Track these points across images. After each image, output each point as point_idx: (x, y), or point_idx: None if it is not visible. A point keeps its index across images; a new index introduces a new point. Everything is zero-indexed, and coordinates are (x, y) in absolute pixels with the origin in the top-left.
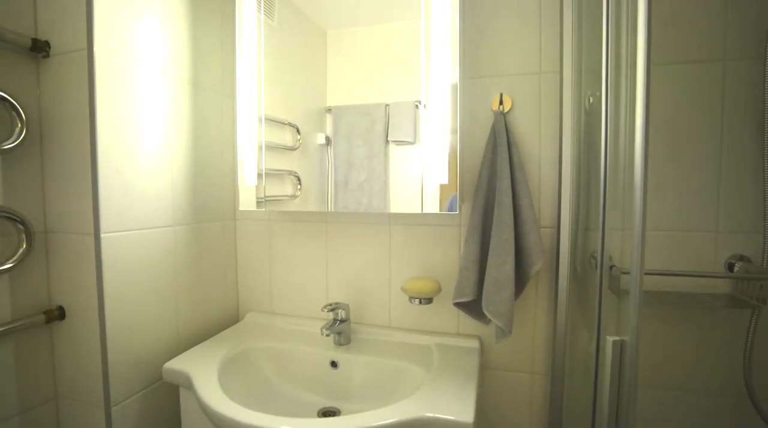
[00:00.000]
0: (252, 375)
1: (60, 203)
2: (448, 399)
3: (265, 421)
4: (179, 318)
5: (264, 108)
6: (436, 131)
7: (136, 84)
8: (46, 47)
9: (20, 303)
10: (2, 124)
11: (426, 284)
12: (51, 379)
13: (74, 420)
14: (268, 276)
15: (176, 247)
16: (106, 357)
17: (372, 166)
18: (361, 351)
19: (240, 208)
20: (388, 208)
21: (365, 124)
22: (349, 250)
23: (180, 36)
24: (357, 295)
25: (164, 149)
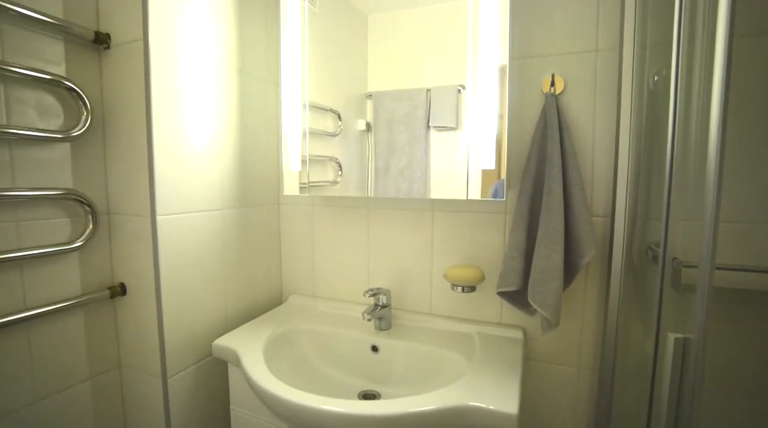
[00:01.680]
0: (295, 356)
1: (120, 186)
2: (491, 389)
3: (309, 400)
4: (227, 297)
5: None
6: (483, 115)
7: (188, 72)
8: (107, 39)
9: (88, 279)
10: (71, 113)
11: (469, 272)
12: (115, 349)
13: (135, 387)
14: (311, 260)
15: (224, 230)
16: (163, 331)
17: (413, 152)
18: (402, 337)
19: (284, 193)
20: (429, 194)
21: (406, 110)
22: (390, 236)
23: (228, 24)
24: (398, 281)
25: (214, 135)
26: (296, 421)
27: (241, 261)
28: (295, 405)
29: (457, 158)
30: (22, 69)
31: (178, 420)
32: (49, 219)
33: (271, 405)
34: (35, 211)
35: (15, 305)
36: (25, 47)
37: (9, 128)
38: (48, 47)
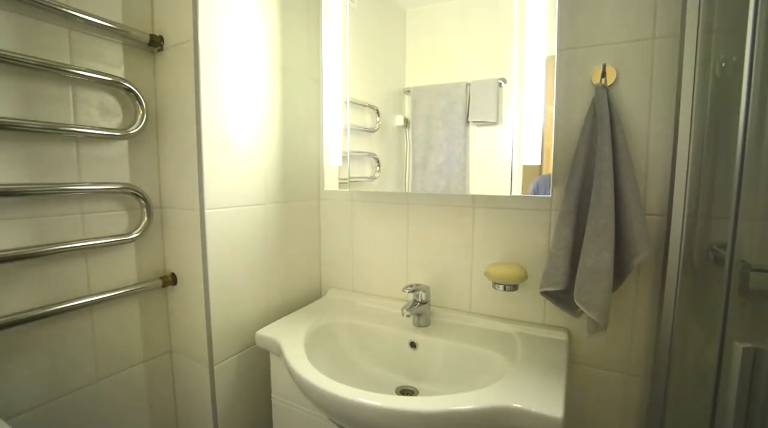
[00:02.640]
0: (334, 349)
1: (171, 181)
2: (534, 391)
3: (348, 393)
4: (269, 289)
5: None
6: (527, 110)
7: (234, 71)
8: (160, 42)
9: (143, 268)
10: (128, 112)
11: (512, 270)
12: (166, 336)
13: (185, 372)
14: (350, 255)
15: (267, 224)
16: (210, 320)
17: (451, 147)
18: (441, 334)
19: (325, 188)
20: (467, 190)
21: (444, 105)
22: (429, 232)
23: (272, 22)
24: (437, 278)
25: (259, 131)
26: (335, 412)
27: (282, 254)
28: (334, 397)
29: (497, 154)
30: (87, 72)
31: (223, 405)
32: (109, 212)
33: (311, 395)
34: (98, 203)
35: (81, 290)
36: (89, 51)
37: (76, 127)
38: (109, 51)
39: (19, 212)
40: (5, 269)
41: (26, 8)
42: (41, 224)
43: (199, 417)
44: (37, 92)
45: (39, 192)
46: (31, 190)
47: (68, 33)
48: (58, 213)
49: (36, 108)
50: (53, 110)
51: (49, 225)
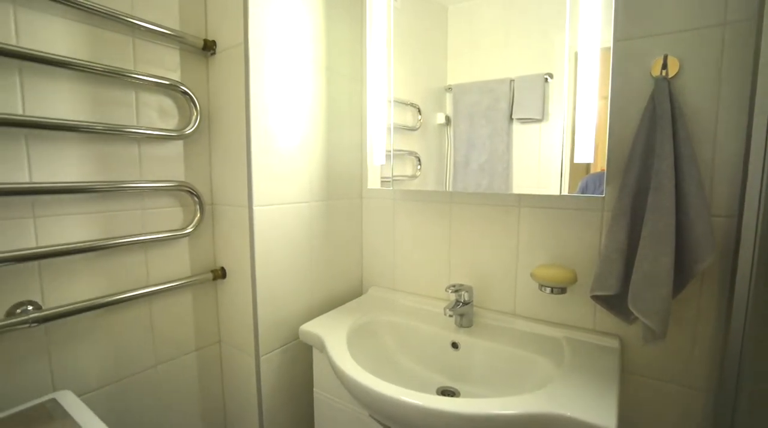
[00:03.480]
0: (375, 346)
1: (222, 179)
2: (585, 399)
3: (390, 390)
4: (312, 285)
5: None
6: (579, 105)
7: (282, 72)
8: (213, 46)
9: (195, 262)
10: (184, 114)
11: (560, 272)
12: (216, 327)
13: (232, 362)
14: (392, 253)
15: (311, 222)
16: (257, 313)
17: (494, 145)
18: (484, 336)
19: (368, 187)
20: (510, 189)
21: (487, 102)
22: (473, 231)
23: (318, 24)
24: (480, 278)
25: (304, 131)
26: (376, 409)
27: (325, 251)
28: (376, 394)
29: (542, 151)
30: (149, 77)
31: (268, 395)
32: (166, 208)
33: (353, 391)
34: (156, 200)
35: (141, 281)
36: (150, 57)
37: (138, 128)
38: (167, 56)
39: (89, 207)
40: (78, 260)
41: (98, 20)
42: (107, 219)
43: (244, 405)
44: (105, 97)
45: (106, 189)
46: (100, 187)
47: (132, 41)
48: (121, 208)
49: (104, 111)
50: (119, 113)
51: (114, 219)
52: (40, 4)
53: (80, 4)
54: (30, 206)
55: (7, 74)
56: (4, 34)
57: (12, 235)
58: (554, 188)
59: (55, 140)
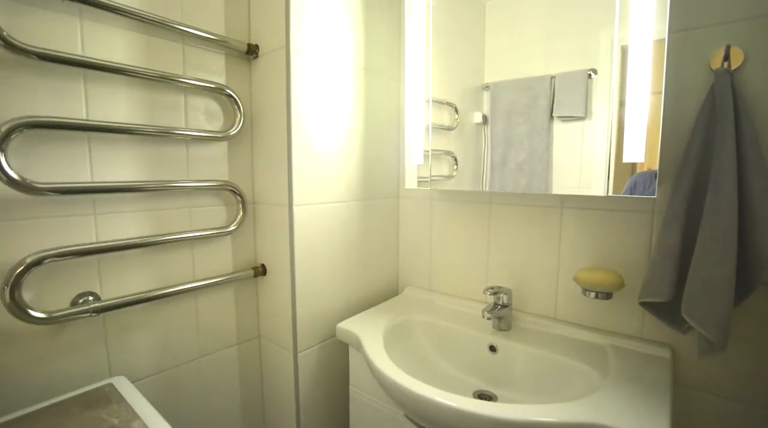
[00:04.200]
0: (411, 346)
1: (263, 179)
2: (634, 411)
3: (426, 391)
4: (349, 284)
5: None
6: (629, 101)
7: (322, 74)
8: (256, 50)
9: (238, 259)
10: (228, 116)
11: (606, 276)
12: (256, 323)
13: (271, 357)
14: (428, 253)
15: (348, 221)
16: (295, 310)
17: (533, 144)
18: (523, 340)
19: (406, 187)
20: (550, 189)
21: (526, 100)
22: (512, 233)
23: (357, 25)
24: (519, 281)
25: (343, 131)
26: (412, 409)
27: (362, 250)
28: (412, 394)
29: (585, 150)
30: (197, 81)
31: (305, 390)
32: (211, 207)
33: (389, 390)
34: (202, 199)
35: (188, 276)
36: (198, 63)
37: (187, 130)
38: (213, 61)
39: (141, 205)
40: (132, 254)
41: (153, 29)
42: (158, 216)
43: (282, 399)
44: (157, 100)
45: (158, 188)
46: (152, 186)
47: (182, 48)
48: (170, 206)
49: (156, 114)
50: (169, 116)
51: (163, 217)
52: (103, 17)
53: (139, 15)
54: (91, 204)
55: (74, 82)
56: (71, 45)
57: (76, 231)
58: (598, 188)
59: (113, 142)
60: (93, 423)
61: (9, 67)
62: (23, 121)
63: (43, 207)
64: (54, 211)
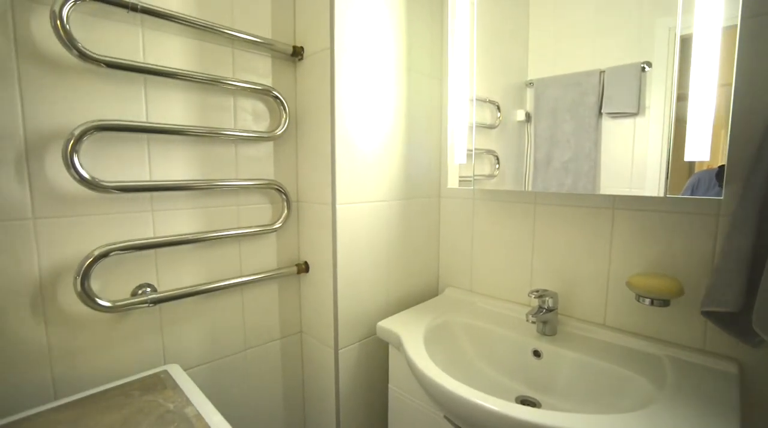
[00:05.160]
0: (451, 347)
1: (307, 178)
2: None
3: (468, 394)
4: (389, 283)
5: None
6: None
7: (365, 74)
8: (301, 51)
9: (282, 256)
10: (274, 116)
11: (663, 282)
12: (298, 318)
13: (312, 352)
14: (469, 254)
15: (389, 220)
16: (337, 307)
17: (579, 142)
18: (570, 346)
19: (448, 186)
20: (598, 189)
21: (573, 96)
22: (558, 234)
23: (399, 25)
24: (566, 284)
25: (386, 130)
26: (452, 411)
27: (402, 250)
28: (454, 396)
29: (637, 148)
30: (246, 83)
31: (345, 387)
32: (257, 205)
33: (430, 391)
34: (249, 197)
35: (235, 271)
36: (246, 65)
37: (236, 131)
38: (260, 63)
39: (193, 203)
40: (184, 249)
41: (205, 35)
42: (208, 213)
43: (322, 394)
44: (209, 102)
45: (210, 186)
46: (204, 184)
47: (232, 52)
48: (220, 204)
49: (208, 116)
50: (219, 117)
51: (213, 214)
52: (161, 25)
53: (193, 22)
54: (149, 201)
55: (136, 87)
56: (134, 52)
57: (136, 226)
58: (651, 188)
59: (169, 143)
60: (151, 407)
61: (81, 75)
62: (93, 125)
63: (108, 204)
64: (117, 208)
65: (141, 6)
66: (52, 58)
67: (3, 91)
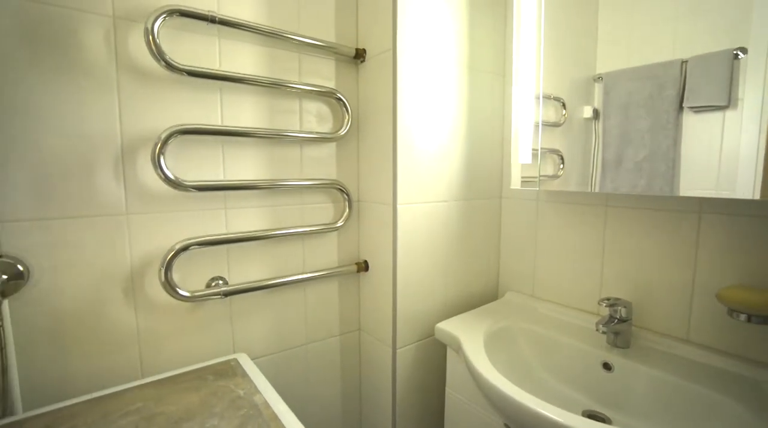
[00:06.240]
0: (512, 354)
1: (368, 178)
2: None
3: (534, 403)
4: (447, 285)
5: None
6: None
7: (426, 74)
8: (363, 54)
9: (342, 254)
10: (337, 118)
11: (763, 296)
12: (357, 316)
13: (370, 350)
14: (532, 258)
15: (449, 221)
16: (396, 307)
17: (656, 140)
18: (646, 361)
19: (511, 187)
20: (675, 191)
21: (649, 90)
22: (633, 239)
23: (461, 23)
24: (640, 293)
25: (447, 130)
26: (513, 419)
27: (461, 251)
28: (517, 404)
29: (726, 145)
30: (311, 87)
31: (402, 386)
32: (320, 204)
33: (491, 397)
34: (312, 196)
35: (298, 268)
36: (311, 69)
37: (301, 133)
38: (324, 67)
39: (261, 201)
40: (253, 245)
41: (274, 42)
42: (274, 212)
43: (379, 392)
44: (277, 106)
45: (276, 186)
46: (272, 184)
47: (298, 57)
48: (285, 203)
49: (275, 118)
50: (286, 119)
51: (279, 213)
52: (235, 35)
53: (264, 31)
54: (223, 199)
55: (213, 93)
56: (211, 61)
57: (210, 223)
58: (745, 190)
59: (240, 144)
60: (223, 391)
61: (166, 83)
62: (177, 129)
63: (187, 201)
64: (195, 205)
65: (219, 18)
66: (143, 69)
67: (106, 101)
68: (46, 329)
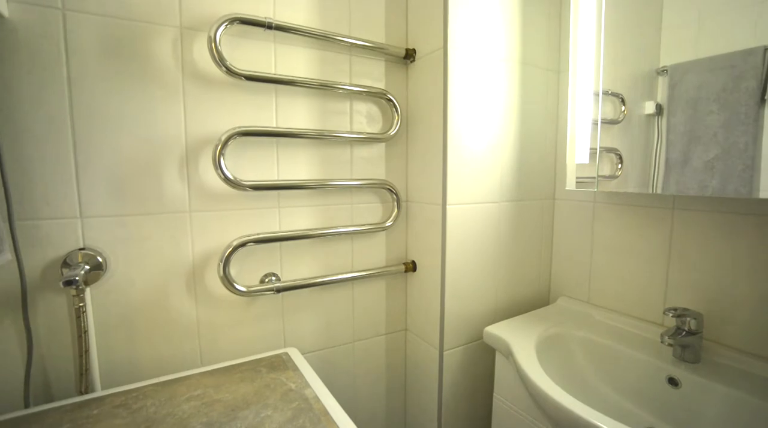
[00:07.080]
0: (567, 363)
1: (417, 178)
2: None
3: (593, 416)
4: (497, 288)
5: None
6: None
7: (478, 72)
8: (413, 54)
9: (390, 254)
10: (387, 118)
11: None
12: (403, 316)
13: (416, 350)
14: (588, 262)
15: (499, 222)
16: (444, 308)
17: (731, 137)
18: (720, 379)
19: (566, 188)
20: (756, 192)
21: (722, 82)
22: (704, 245)
23: (513, 19)
24: (712, 304)
25: (497, 130)
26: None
27: (512, 254)
28: (573, 415)
29: None
30: (362, 88)
31: (447, 388)
32: (369, 203)
33: (545, 406)
34: (362, 196)
35: (347, 266)
36: (362, 71)
37: (352, 133)
38: (375, 68)
39: (313, 200)
40: (304, 243)
41: (326, 45)
42: (325, 211)
43: (424, 393)
44: (328, 107)
45: (328, 186)
46: (323, 184)
47: (349, 59)
48: (336, 202)
49: (327, 119)
50: (337, 120)
51: (330, 212)
52: (289, 39)
53: (317, 35)
54: (277, 198)
55: (268, 96)
56: (267, 65)
57: (265, 221)
58: None
59: (293, 145)
60: (276, 384)
61: (224, 88)
62: (236, 131)
63: (244, 200)
64: (251, 204)
65: (275, 24)
66: (206, 75)
67: (173, 106)
68: (119, 316)
